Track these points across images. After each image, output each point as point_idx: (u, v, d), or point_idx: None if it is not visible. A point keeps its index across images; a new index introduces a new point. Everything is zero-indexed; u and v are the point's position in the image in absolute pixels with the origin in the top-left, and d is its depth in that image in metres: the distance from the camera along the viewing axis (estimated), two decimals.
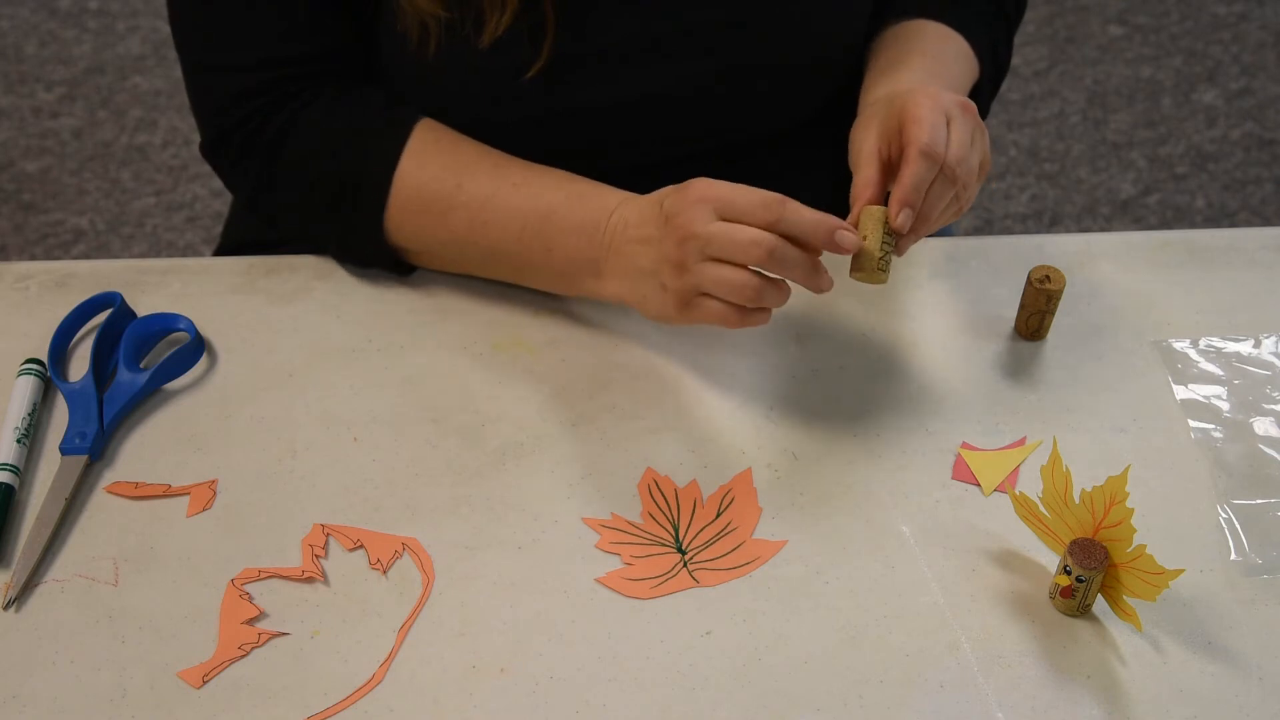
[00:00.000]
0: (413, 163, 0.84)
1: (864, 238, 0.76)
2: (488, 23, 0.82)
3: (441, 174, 0.84)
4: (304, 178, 0.85)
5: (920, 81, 0.85)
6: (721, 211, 0.73)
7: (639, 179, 0.83)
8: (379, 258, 0.88)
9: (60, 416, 0.82)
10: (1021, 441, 0.81)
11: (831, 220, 0.73)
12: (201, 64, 0.87)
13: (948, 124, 0.77)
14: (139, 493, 0.78)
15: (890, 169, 0.79)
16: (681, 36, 0.86)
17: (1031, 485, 0.77)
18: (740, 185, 0.74)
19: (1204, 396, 0.84)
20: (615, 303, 0.83)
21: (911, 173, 0.75)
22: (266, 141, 0.85)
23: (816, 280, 0.75)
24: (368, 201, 0.85)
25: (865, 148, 0.80)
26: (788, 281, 0.75)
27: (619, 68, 0.86)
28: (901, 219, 0.75)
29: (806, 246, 0.74)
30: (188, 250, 1.96)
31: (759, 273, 0.74)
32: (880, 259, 0.76)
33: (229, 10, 0.84)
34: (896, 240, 0.77)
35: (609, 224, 0.81)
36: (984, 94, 0.96)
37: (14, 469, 0.78)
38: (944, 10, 0.93)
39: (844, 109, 0.94)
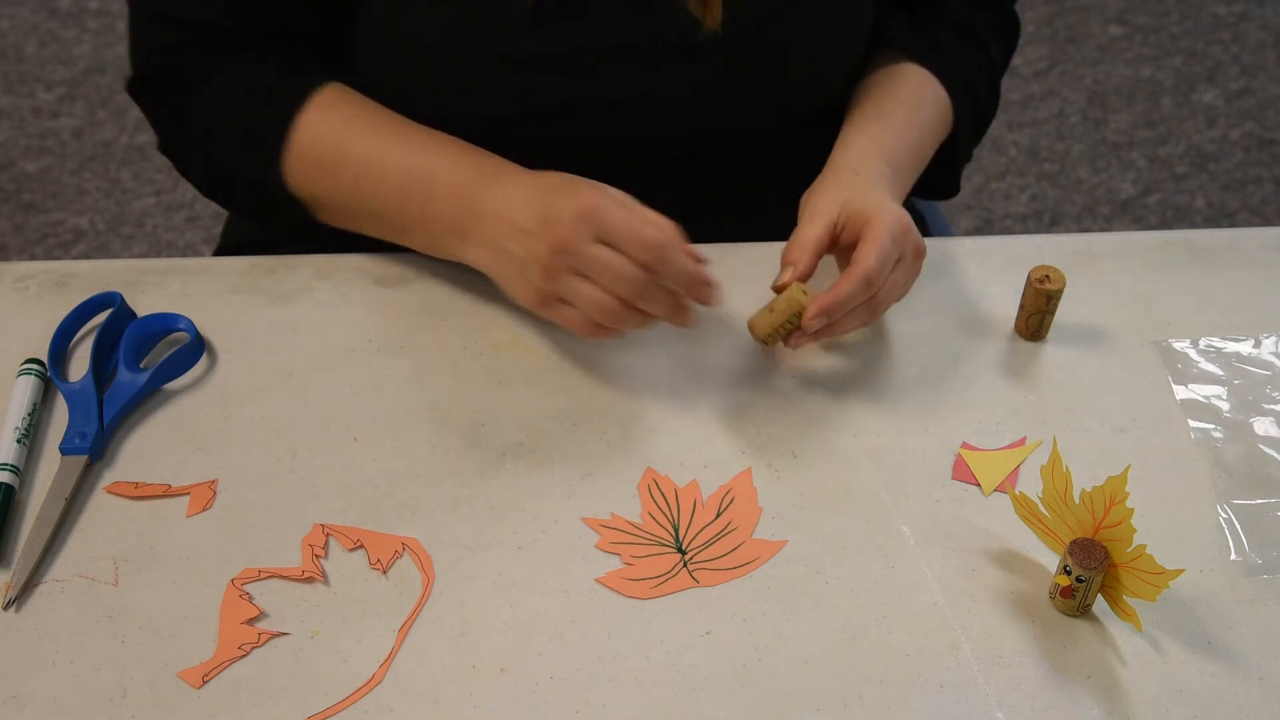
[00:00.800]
0: (315, 115, 0.85)
1: (771, 310, 0.80)
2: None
3: (339, 128, 0.85)
4: (212, 122, 0.87)
5: (895, 151, 0.88)
6: (602, 236, 0.75)
7: (634, 179, 0.83)
8: (279, 208, 0.88)
9: (60, 416, 0.82)
10: (1021, 441, 0.81)
11: (704, 276, 0.77)
12: (147, 9, 0.89)
13: (898, 260, 0.80)
14: (139, 493, 0.78)
15: (832, 245, 0.83)
16: (681, 41, 0.86)
17: (1031, 485, 0.77)
18: (630, 210, 0.75)
19: (1204, 396, 0.84)
20: (475, 268, 0.83)
21: (845, 290, 0.78)
22: (184, 87, 0.88)
23: (681, 319, 0.79)
24: (268, 148, 0.86)
25: (823, 208, 0.82)
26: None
27: (614, 67, 0.86)
28: (815, 325, 0.79)
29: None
30: (188, 250, 1.96)
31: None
32: (769, 337, 0.81)
33: None
34: (794, 332, 0.80)
35: (488, 194, 0.81)
36: (961, 139, 0.96)
37: (14, 469, 0.78)
38: (928, 55, 0.94)
39: (841, 112, 0.95)
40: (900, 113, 0.91)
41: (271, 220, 0.92)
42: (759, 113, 0.92)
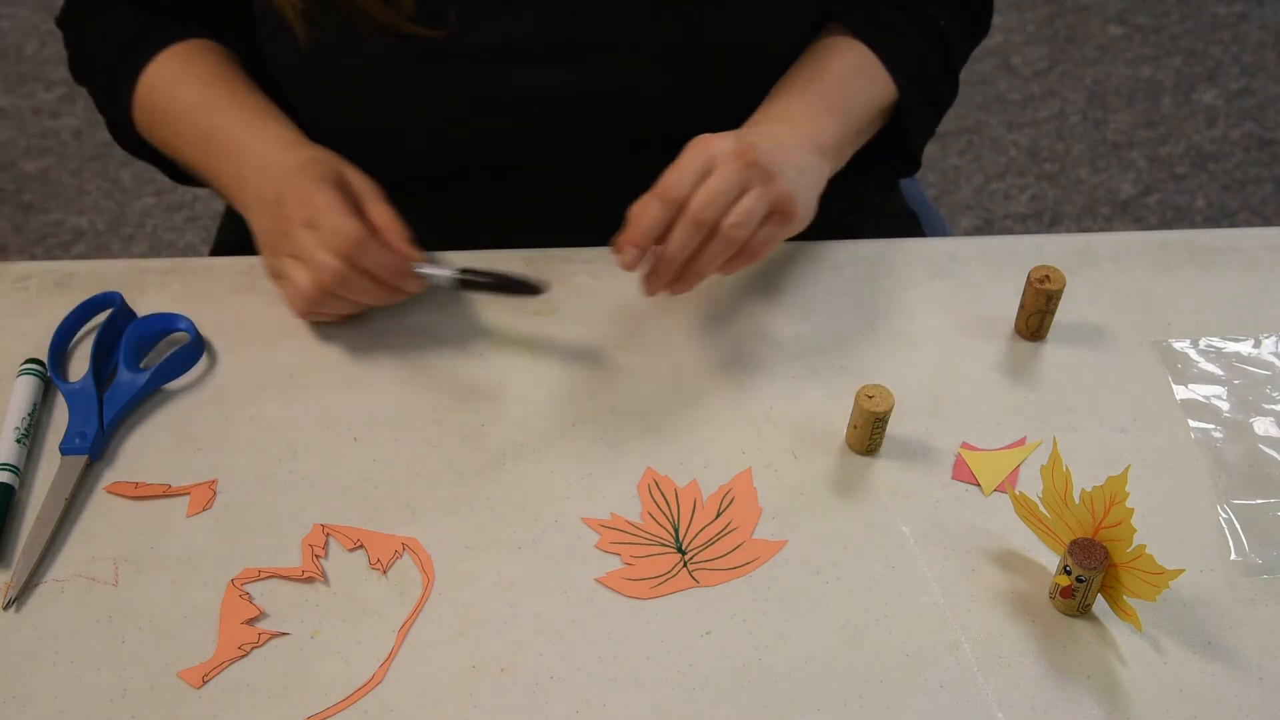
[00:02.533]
0: (158, 66, 0.91)
1: (855, 426, 0.79)
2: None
3: (168, 81, 0.91)
4: (88, 62, 0.95)
5: (802, 114, 0.86)
6: (310, 223, 0.79)
7: (589, 167, 0.85)
8: (147, 153, 0.96)
9: (60, 416, 0.82)
10: (1021, 441, 0.81)
11: (402, 268, 0.80)
12: None
13: (710, 171, 0.76)
14: (139, 493, 0.78)
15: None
16: (605, 39, 0.86)
17: (1031, 485, 0.77)
18: (333, 203, 0.78)
19: (1204, 396, 0.84)
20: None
21: (642, 213, 0.76)
22: (79, 25, 0.95)
23: (389, 300, 0.83)
24: (119, 93, 0.92)
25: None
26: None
27: (535, 66, 0.86)
28: (626, 257, 0.76)
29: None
30: (188, 250, 1.96)
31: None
32: (869, 449, 0.80)
33: None
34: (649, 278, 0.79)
35: (251, 163, 0.85)
36: (914, 119, 0.94)
37: (14, 469, 0.78)
38: (872, 30, 0.91)
39: None
40: (822, 88, 0.88)
41: (143, 154, 0.97)
42: (706, 100, 0.90)
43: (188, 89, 0.89)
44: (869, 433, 0.78)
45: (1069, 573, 0.70)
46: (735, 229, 0.77)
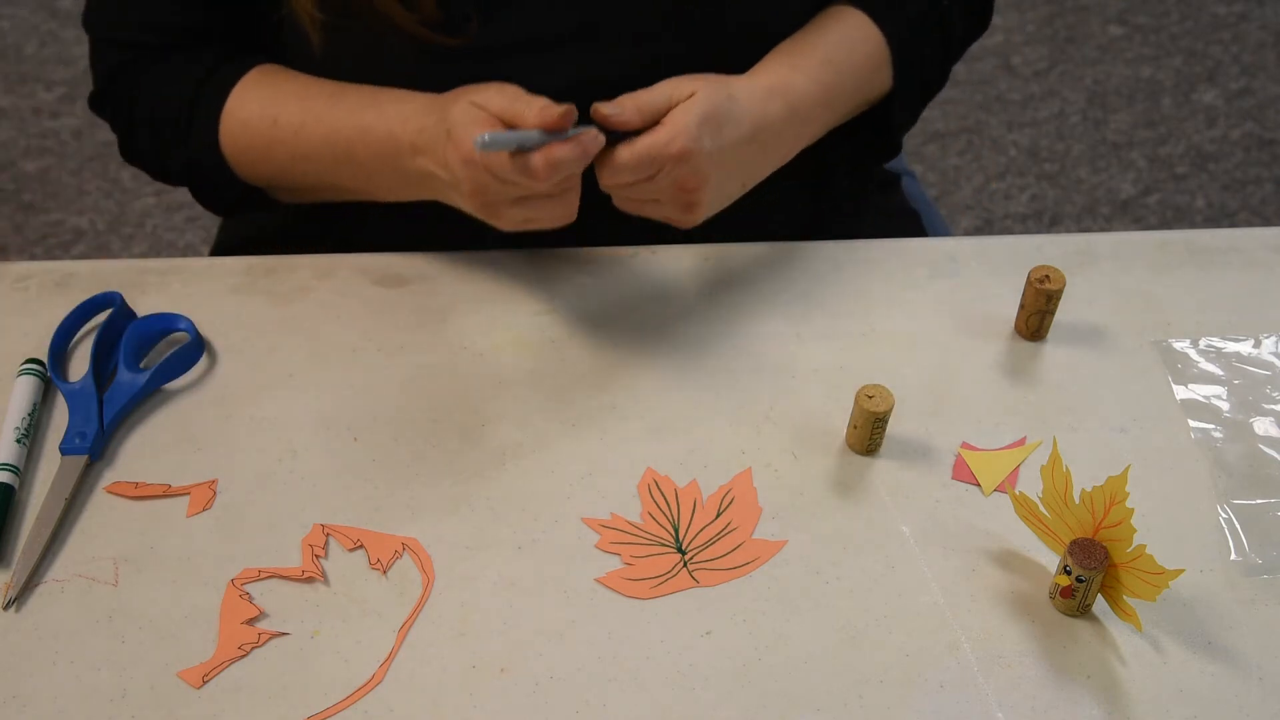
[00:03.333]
0: (237, 100, 0.88)
1: (855, 426, 0.79)
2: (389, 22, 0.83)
3: (260, 110, 0.87)
4: (151, 121, 0.90)
5: (799, 93, 0.85)
6: (474, 189, 0.77)
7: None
8: (229, 195, 0.92)
9: (60, 416, 0.82)
10: (1021, 441, 0.81)
11: (586, 139, 0.75)
12: (92, 27, 0.92)
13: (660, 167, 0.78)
14: (139, 493, 0.78)
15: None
16: (618, 24, 0.86)
17: (1031, 485, 0.77)
18: (499, 164, 0.75)
19: (1204, 396, 0.84)
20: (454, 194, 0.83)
21: (610, 116, 0.78)
22: (129, 95, 0.90)
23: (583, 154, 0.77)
24: (201, 140, 0.89)
25: (665, 93, 0.80)
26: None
27: (550, 55, 0.86)
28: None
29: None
30: (188, 250, 1.96)
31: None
32: (869, 448, 0.80)
33: None
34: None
35: (411, 140, 0.82)
36: (899, 99, 0.93)
37: (14, 469, 0.78)
38: (878, 7, 0.91)
39: None
40: (818, 57, 0.87)
41: (244, 208, 0.95)
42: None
43: (287, 99, 0.87)
44: (869, 433, 0.78)
45: (1069, 573, 0.70)
46: (626, 203, 0.82)
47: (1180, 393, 0.84)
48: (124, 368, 0.83)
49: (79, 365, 0.85)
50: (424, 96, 0.83)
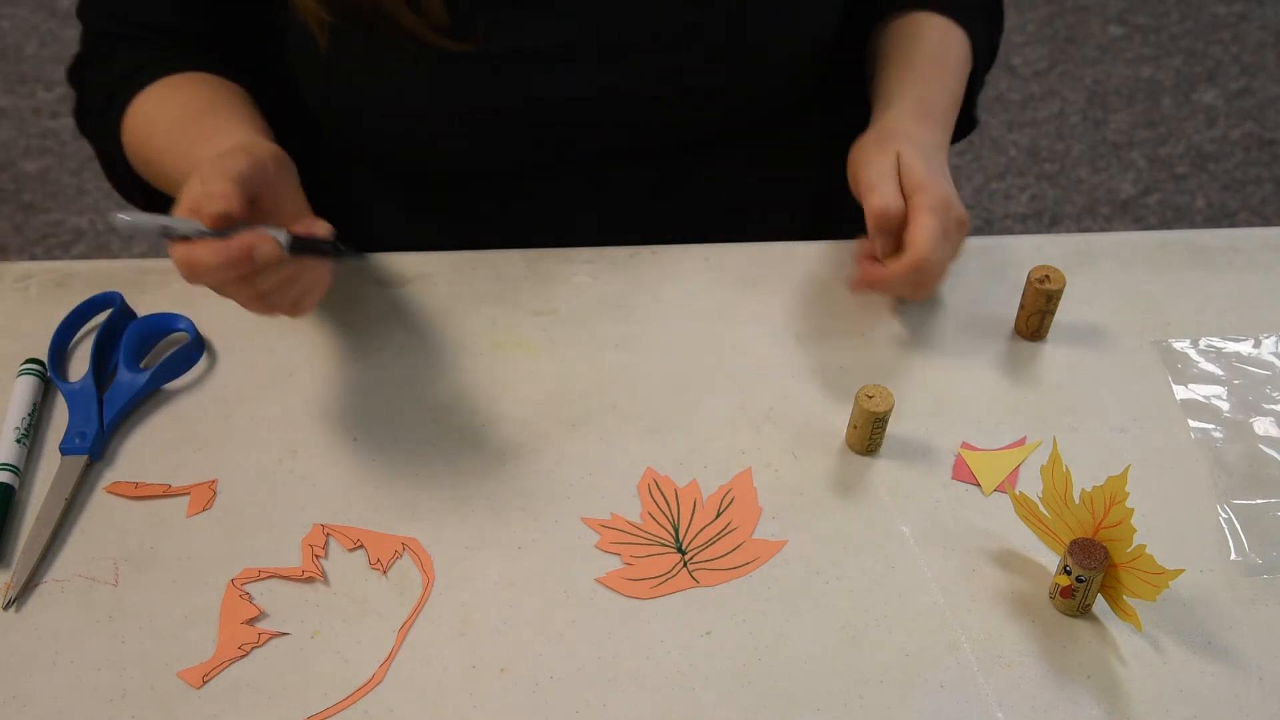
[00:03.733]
0: (136, 106, 0.88)
1: (855, 426, 0.79)
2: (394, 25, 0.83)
3: (143, 123, 0.88)
4: (87, 98, 0.92)
5: (932, 101, 0.88)
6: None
7: (609, 169, 0.86)
8: (135, 197, 0.94)
9: (60, 416, 0.82)
10: (1021, 441, 0.81)
11: (236, 246, 0.68)
12: (84, 20, 0.93)
13: (943, 232, 0.81)
14: (139, 493, 0.78)
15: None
16: (632, 37, 0.86)
17: (1031, 485, 0.77)
18: (170, 250, 0.70)
19: (1204, 396, 0.84)
20: None
21: (896, 275, 0.80)
22: (80, 73, 0.92)
23: (320, 282, 0.75)
24: (112, 135, 0.90)
25: (885, 163, 0.82)
26: None
27: (559, 65, 0.86)
28: (859, 291, 0.83)
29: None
30: None
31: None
32: (869, 448, 0.80)
33: None
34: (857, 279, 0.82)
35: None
36: (977, 82, 0.98)
37: (14, 469, 0.78)
38: (948, 7, 0.95)
39: (819, 103, 0.96)
40: (929, 63, 0.91)
41: (147, 201, 0.96)
42: (729, 102, 0.92)
43: (165, 117, 0.87)
44: (869, 433, 0.78)
45: (1069, 573, 0.70)
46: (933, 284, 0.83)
47: (1180, 393, 0.84)
48: (124, 368, 0.83)
49: (79, 365, 0.85)
50: (230, 143, 0.79)
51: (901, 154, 0.83)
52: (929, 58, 0.92)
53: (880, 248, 0.82)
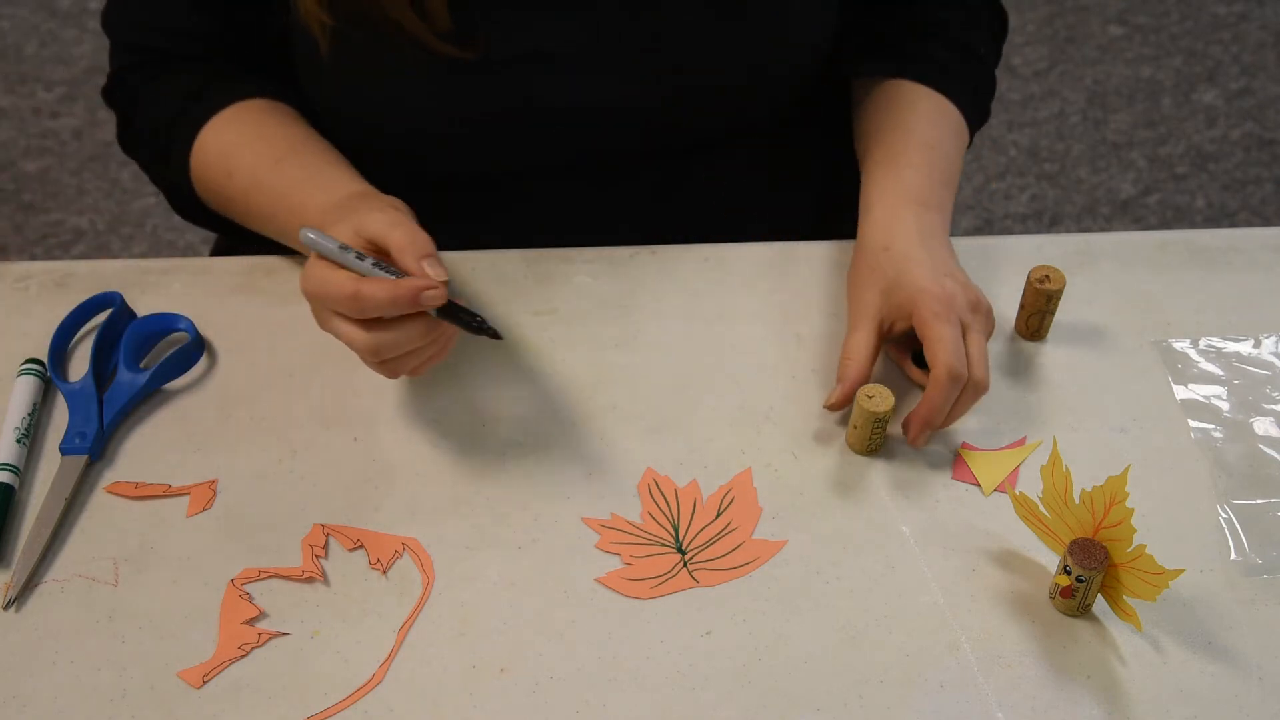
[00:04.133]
0: (204, 141, 0.87)
1: (855, 426, 0.78)
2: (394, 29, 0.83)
3: (219, 159, 0.87)
4: (142, 132, 0.91)
5: (921, 190, 0.85)
6: (326, 307, 0.73)
7: (609, 170, 0.85)
8: (203, 217, 0.93)
9: (60, 416, 0.82)
10: (1021, 441, 0.81)
11: (406, 287, 0.70)
12: (110, 29, 0.92)
13: (964, 331, 0.78)
14: (139, 493, 0.78)
15: (885, 335, 0.81)
16: (632, 46, 0.86)
17: (1031, 485, 0.77)
18: (325, 275, 0.72)
19: (1204, 396, 0.84)
20: None
21: (939, 396, 0.77)
22: (131, 89, 0.91)
23: (441, 352, 0.76)
24: (174, 160, 0.89)
25: (864, 310, 0.81)
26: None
27: (561, 73, 0.86)
28: (922, 441, 0.78)
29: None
30: (188, 250, 1.96)
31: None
32: (869, 449, 0.79)
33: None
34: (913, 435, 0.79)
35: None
36: (971, 135, 0.96)
37: (14, 469, 0.78)
38: (935, 76, 0.92)
39: (818, 104, 0.95)
40: (919, 151, 0.88)
41: (219, 230, 0.96)
42: (724, 110, 0.91)
43: (244, 154, 0.86)
44: (869, 433, 0.78)
45: (1069, 573, 0.70)
46: (985, 380, 0.79)
47: (1180, 393, 0.84)
48: (124, 368, 0.83)
49: (79, 365, 0.85)
50: (348, 187, 0.81)
51: (888, 268, 0.81)
52: (925, 144, 0.89)
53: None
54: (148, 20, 0.90)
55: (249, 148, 0.86)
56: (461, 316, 0.73)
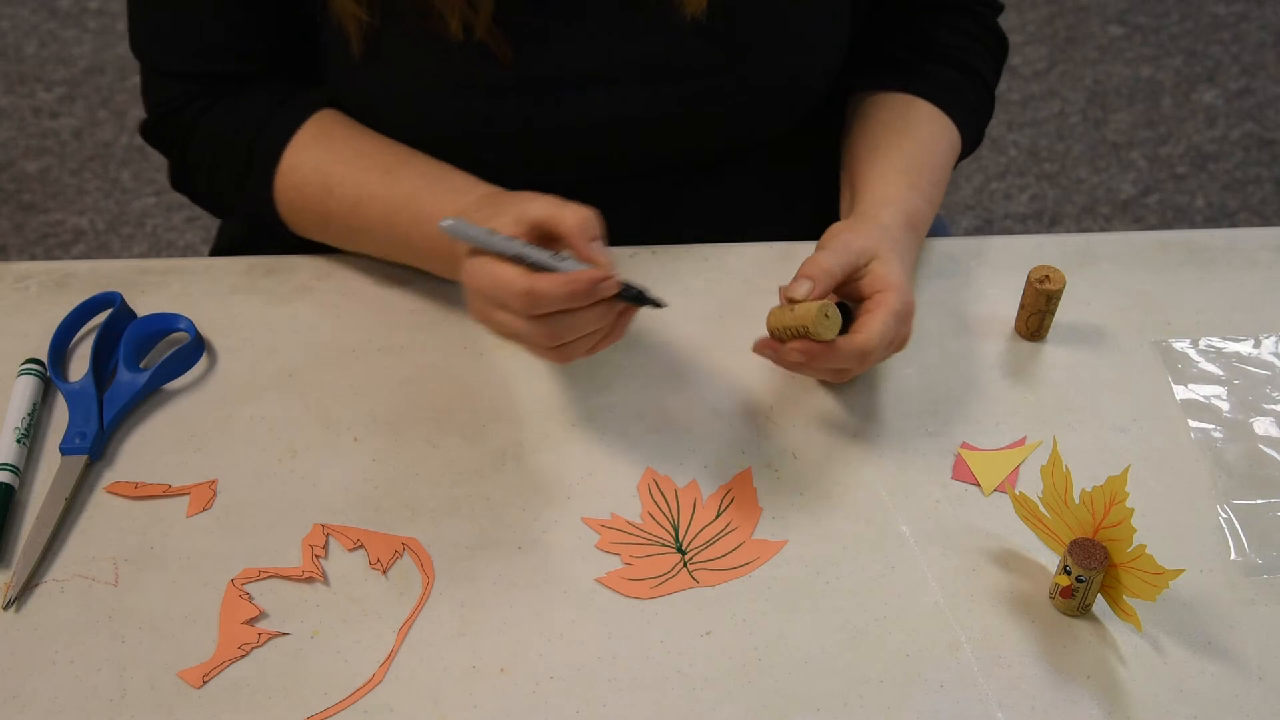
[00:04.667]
0: (292, 159, 0.86)
1: (792, 310, 0.77)
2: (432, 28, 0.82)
3: (314, 177, 0.86)
4: (206, 161, 0.89)
5: (915, 209, 0.86)
6: (491, 302, 0.73)
7: (612, 185, 0.85)
8: (288, 237, 0.91)
9: (60, 416, 0.82)
10: (1021, 441, 0.81)
11: (583, 280, 0.70)
12: (146, 57, 0.90)
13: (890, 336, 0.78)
14: (139, 493, 0.78)
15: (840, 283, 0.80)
16: (651, 66, 0.86)
17: (1031, 485, 0.77)
18: (495, 270, 0.72)
19: (1204, 396, 0.84)
20: None
21: (839, 355, 0.76)
22: (185, 130, 0.89)
23: (617, 331, 0.75)
24: (257, 196, 0.88)
25: (853, 247, 0.80)
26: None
27: (586, 91, 0.86)
28: (793, 358, 0.77)
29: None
30: (188, 250, 1.96)
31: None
32: (776, 332, 0.78)
33: (170, 15, 0.87)
34: (776, 345, 0.79)
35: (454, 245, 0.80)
36: (964, 155, 0.97)
37: (14, 469, 0.78)
38: (939, 94, 0.93)
39: (822, 124, 0.96)
40: (921, 170, 0.89)
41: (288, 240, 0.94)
42: (736, 126, 0.92)
43: (344, 168, 0.85)
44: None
45: (1069, 573, 0.70)
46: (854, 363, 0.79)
47: (1180, 393, 0.84)
48: (124, 368, 0.83)
49: (79, 365, 0.85)
50: (480, 187, 0.82)
51: (880, 242, 0.81)
52: (915, 139, 0.90)
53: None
54: (188, 44, 0.88)
55: (347, 162, 0.85)
56: (631, 294, 0.73)
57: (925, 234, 0.89)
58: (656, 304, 0.74)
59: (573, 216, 0.72)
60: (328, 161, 0.86)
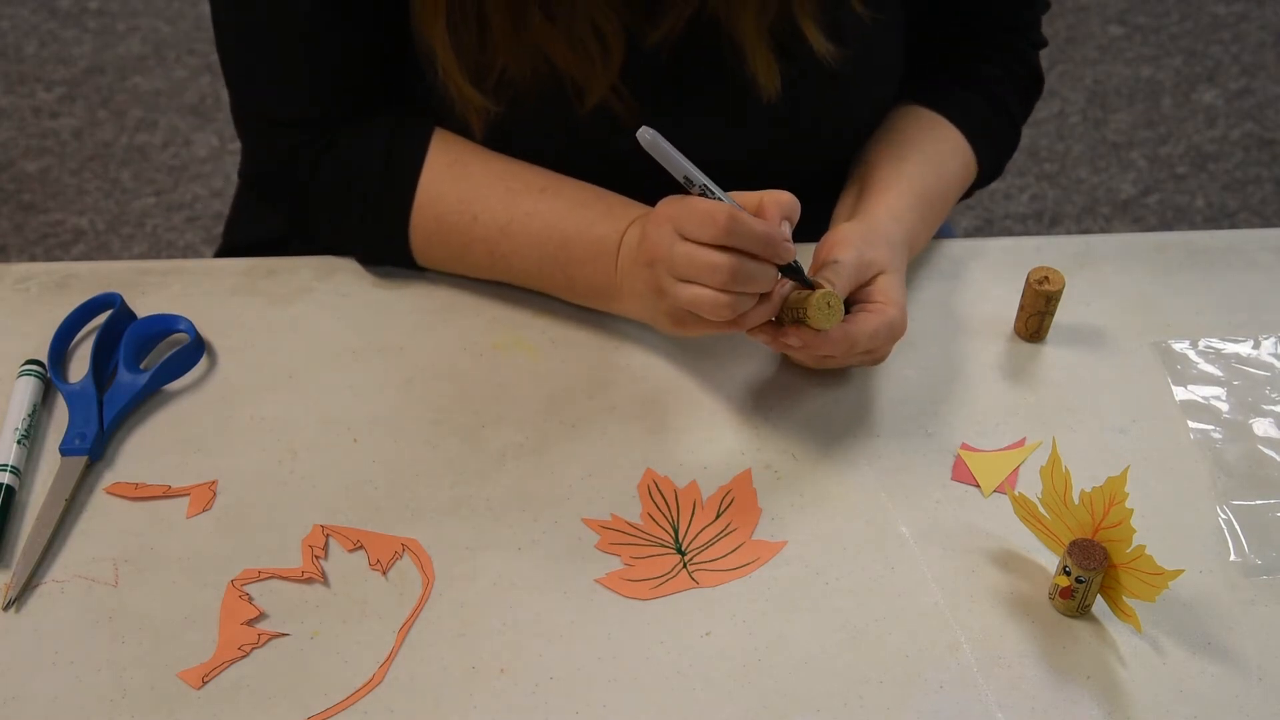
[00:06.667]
0: (429, 191, 0.86)
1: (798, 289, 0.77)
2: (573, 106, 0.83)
3: (458, 206, 0.85)
4: (333, 205, 0.88)
5: (912, 228, 0.86)
6: (679, 231, 0.73)
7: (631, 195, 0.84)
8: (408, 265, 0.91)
9: (60, 417, 0.82)
10: (1021, 442, 0.81)
11: (775, 235, 0.72)
12: (245, 107, 0.89)
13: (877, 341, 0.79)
14: (139, 493, 0.78)
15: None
16: (739, 121, 0.87)
17: (1031, 486, 0.77)
18: (694, 200, 0.73)
19: (1203, 397, 0.84)
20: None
21: (829, 343, 0.77)
22: (299, 180, 0.88)
23: (770, 305, 0.76)
24: (389, 233, 0.87)
25: (861, 258, 0.80)
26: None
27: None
28: (790, 341, 0.77)
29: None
30: (188, 250, 1.96)
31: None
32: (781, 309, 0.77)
33: (270, 63, 0.86)
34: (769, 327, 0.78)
35: (619, 250, 0.82)
36: (981, 182, 0.97)
37: (14, 469, 0.78)
38: (960, 116, 0.94)
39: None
40: (933, 195, 0.89)
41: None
42: (797, 165, 0.92)
43: (485, 194, 0.85)
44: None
45: (1069, 573, 0.70)
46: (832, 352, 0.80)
47: (1180, 393, 0.84)
48: (124, 368, 0.83)
49: (79, 366, 0.85)
50: (636, 208, 0.83)
51: (883, 250, 0.81)
52: (926, 153, 0.90)
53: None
54: (302, 94, 0.87)
55: (487, 187, 0.85)
56: (795, 267, 0.75)
57: (919, 244, 0.89)
58: (811, 285, 0.75)
59: (771, 194, 0.74)
60: (468, 189, 0.85)
